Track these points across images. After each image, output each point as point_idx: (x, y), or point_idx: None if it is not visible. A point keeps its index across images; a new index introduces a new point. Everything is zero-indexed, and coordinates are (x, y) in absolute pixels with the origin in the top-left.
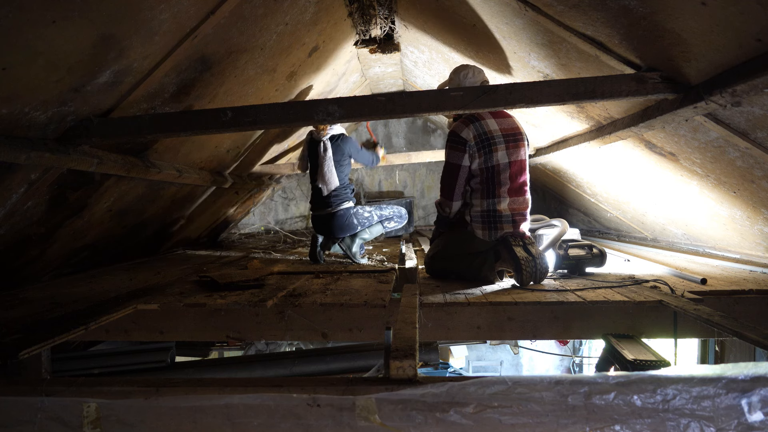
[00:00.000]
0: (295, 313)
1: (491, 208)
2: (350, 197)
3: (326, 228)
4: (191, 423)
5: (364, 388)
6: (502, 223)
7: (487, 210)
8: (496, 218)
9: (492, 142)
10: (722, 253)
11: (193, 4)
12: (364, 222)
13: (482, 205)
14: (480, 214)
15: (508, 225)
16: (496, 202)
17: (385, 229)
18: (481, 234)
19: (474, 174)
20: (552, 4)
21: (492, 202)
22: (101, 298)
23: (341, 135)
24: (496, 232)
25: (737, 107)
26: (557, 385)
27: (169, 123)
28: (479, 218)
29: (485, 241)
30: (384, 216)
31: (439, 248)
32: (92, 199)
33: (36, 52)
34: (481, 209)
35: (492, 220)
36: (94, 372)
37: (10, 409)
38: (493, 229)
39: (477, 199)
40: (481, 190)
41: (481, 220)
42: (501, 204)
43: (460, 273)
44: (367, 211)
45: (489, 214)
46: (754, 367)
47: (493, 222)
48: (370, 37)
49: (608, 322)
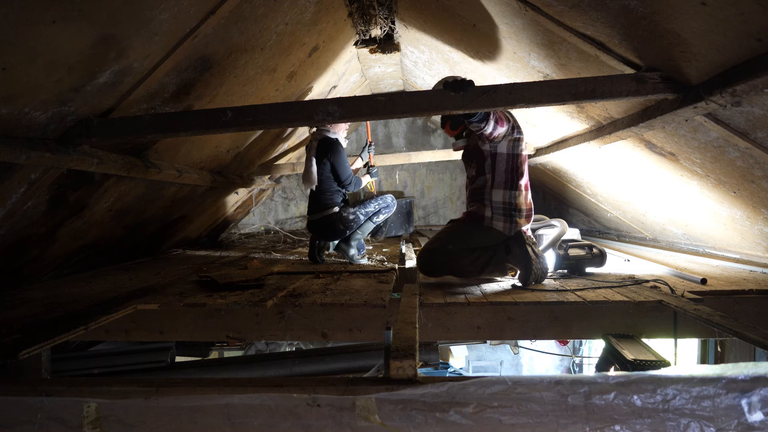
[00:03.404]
0: (295, 313)
1: (512, 200)
2: (336, 201)
3: (318, 233)
4: (191, 423)
5: (364, 388)
6: (520, 218)
7: (509, 202)
8: (515, 212)
9: (521, 130)
10: (722, 253)
11: (193, 4)
12: (351, 225)
13: (504, 196)
14: (502, 206)
15: (522, 220)
16: (516, 195)
17: (375, 223)
18: (501, 227)
19: (499, 158)
20: (552, 4)
21: (512, 195)
22: (101, 298)
23: (334, 141)
24: (514, 226)
25: (737, 107)
26: (557, 385)
27: (169, 123)
28: (500, 210)
29: (500, 235)
30: (370, 212)
31: (443, 242)
32: (92, 199)
33: (36, 52)
34: (503, 201)
35: (512, 213)
36: (94, 372)
37: (10, 409)
38: (513, 222)
39: (499, 190)
40: (505, 181)
41: (503, 212)
42: (519, 198)
43: (463, 269)
44: (352, 213)
45: (510, 207)
46: (754, 367)
47: (512, 215)
48: (370, 37)
49: (608, 322)
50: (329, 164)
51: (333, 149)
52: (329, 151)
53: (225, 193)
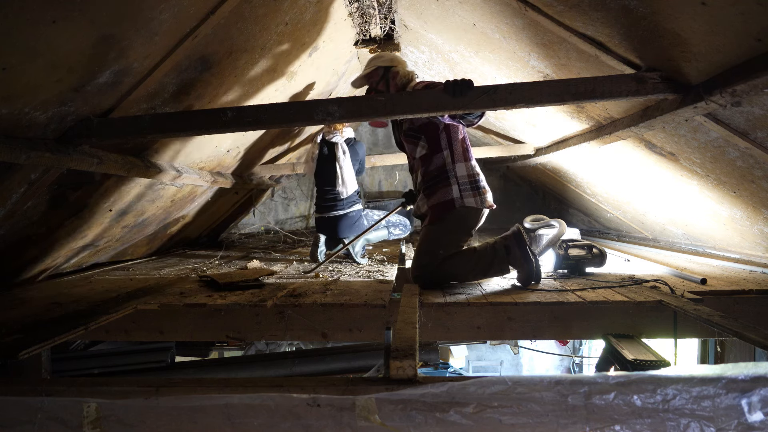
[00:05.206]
0: (295, 313)
1: (473, 171)
2: (359, 200)
3: (333, 229)
4: (191, 423)
5: (364, 388)
6: (484, 187)
7: (472, 174)
8: (480, 182)
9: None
10: (722, 253)
11: (193, 4)
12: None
13: (468, 169)
14: (468, 180)
15: (487, 188)
16: (473, 165)
17: (391, 235)
18: (474, 202)
19: (453, 129)
20: (552, 4)
21: (472, 166)
22: (101, 298)
23: (354, 139)
24: (483, 199)
25: (737, 107)
26: (557, 385)
27: (169, 123)
28: (468, 185)
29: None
30: (391, 222)
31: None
32: (92, 199)
33: (36, 52)
34: (467, 174)
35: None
36: (94, 372)
37: (10, 409)
38: (481, 195)
39: (461, 163)
40: (462, 152)
41: (470, 186)
42: (476, 167)
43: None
44: (377, 215)
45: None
46: (754, 367)
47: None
48: (370, 37)
49: (608, 322)
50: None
51: (361, 146)
52: (359, 148)
53: (225, 193)
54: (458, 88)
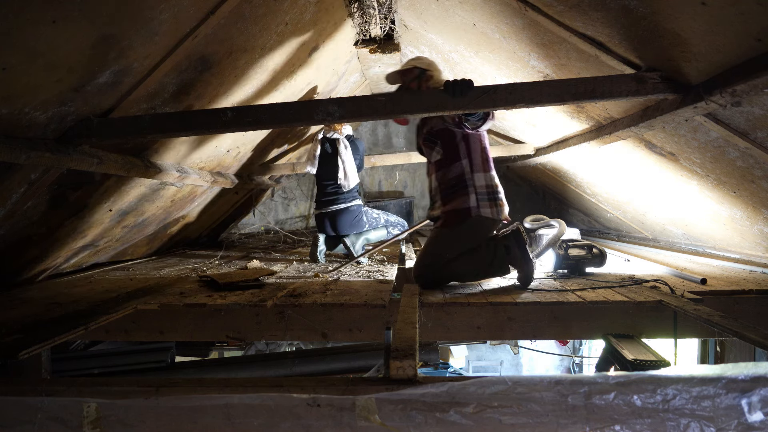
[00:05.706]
0: (295, 313)
1: (493, 182)
2: (359, 195)
3: (334, 224)
4: (191, 423)
5: (364, 388)
6: (502, 199)
7: (491, 185)
8: (498, 193)
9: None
10: (722, 253)
11: (193, 4)
12: (372, 222)
13: (487, 179)
14: (486, 191)
15: (504, 201)
16: (492, 176)
17: (389, 235)
18: (489, 213)
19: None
20: (552, 4)
21: (491, 177)
22: (101, 298)
23: (353, 136)
24: (500, 210)
25: (737, 107)
26: (557, 385)
27: (169, 123)
28: (485, 195)
29: (491, 222)
30: (390, 222)
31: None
32: (92, 199)
33: (36, 52)
34: (486, 184)
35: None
36: (94, 372)
37: (10, 409)
38: (498, 206)
39: (480, 173)
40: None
41: (488, 196)
42: (495, 179)
43: (467, 275)
44: (376, 212)
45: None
46: (754, 367)
47: (497, 198)
48: (370, 37)
49: (608, 322)
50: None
51: (360, 142)
52: (359, 144)
53: (225, 193)
54: (458, 88)
